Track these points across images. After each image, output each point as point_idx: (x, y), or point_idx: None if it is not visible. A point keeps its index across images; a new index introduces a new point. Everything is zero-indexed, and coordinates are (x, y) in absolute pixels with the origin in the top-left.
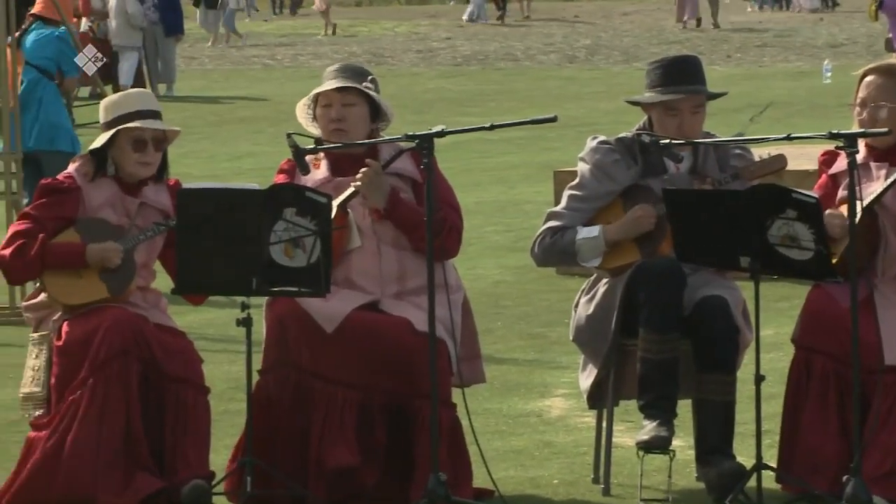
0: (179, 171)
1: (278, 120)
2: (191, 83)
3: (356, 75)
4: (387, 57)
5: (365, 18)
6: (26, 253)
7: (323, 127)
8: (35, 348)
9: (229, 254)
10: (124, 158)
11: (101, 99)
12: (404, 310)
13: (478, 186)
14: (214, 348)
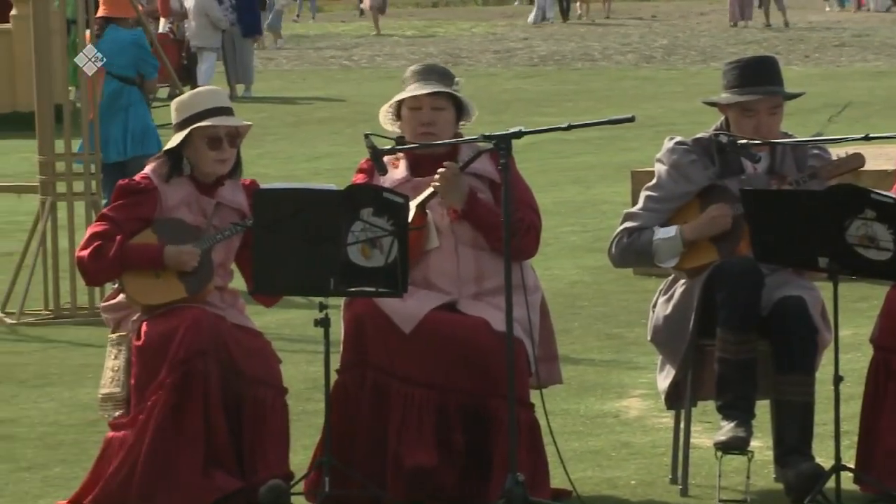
0: (257, 172)
1: (356, 120)
2: (268, 84)
3: (443, 77)
4: (464, 58)
5: (442, 19)
6: (104, 254)
7: (410, 129)
8: (114, 349)
9: (307, 254)
10: (200, 157)
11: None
12: (482, 310)
13: (555, 187)
14: (292, 348)
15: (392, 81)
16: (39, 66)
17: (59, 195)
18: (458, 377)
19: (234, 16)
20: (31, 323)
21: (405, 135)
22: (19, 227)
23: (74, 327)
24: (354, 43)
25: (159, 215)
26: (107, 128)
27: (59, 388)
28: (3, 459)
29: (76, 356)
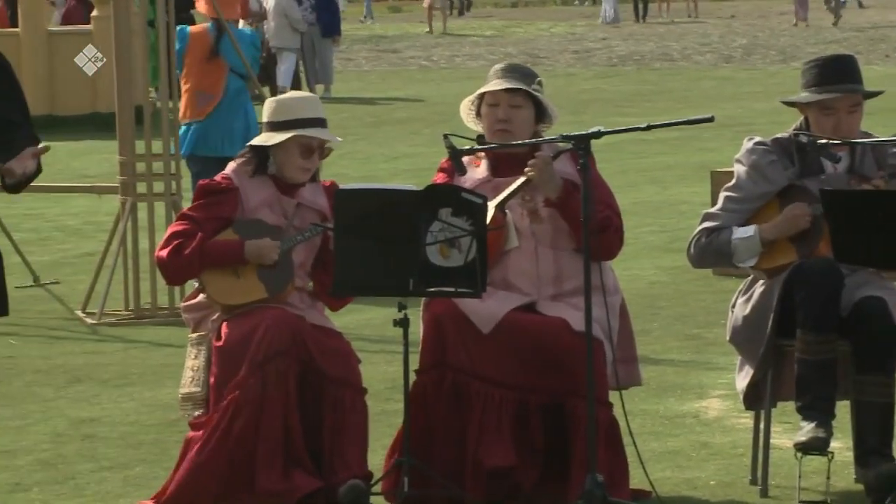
0: (336, 173)
1: (435, 121)
2: (347, 84)
3: (524, 76)
4: (542, 57)
5: (521, 19)
6: (185, 252)
7: (488, 126)
8: (194, 349)
9: (386, 254)
10: (289, 162)
11: (258, 100)
12: (561, 310)
13: (633, 187)
14: (372, 349)
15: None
16: (120, 67)
17: (139, 196)
18: (536, 377)
19: (314, 16)
20: (112, 323)
21: (484, 132)
22: (100, 228)
23: (154, 327)
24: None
25: (240, 215)
26: (230, 123)
27: (140, 387)
28: (85, 459)
29: (157, 356)
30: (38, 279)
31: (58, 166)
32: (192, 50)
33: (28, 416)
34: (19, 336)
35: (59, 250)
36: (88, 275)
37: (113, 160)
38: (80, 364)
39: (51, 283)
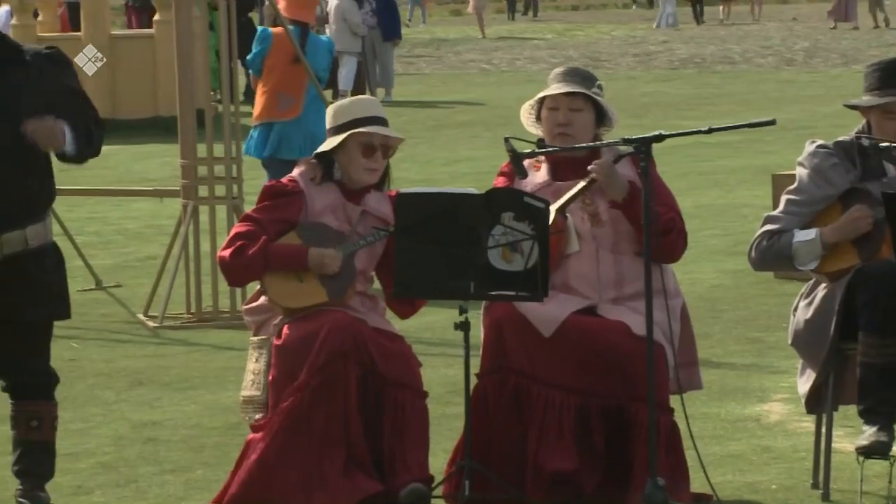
0: (397, 176)
1: (495, 124)
2: (408, 88)
3: (584, 80)
4: (603, 61)
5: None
6: (248, 254)
7: (547, 130)
8: (255, 352)
9: (447, 258)
10: (352, 163)
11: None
12: (621, 314)
13: (695, 190)
14: (432, 352)
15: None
16: (182, 70)
17: (200, 199)
18: (597, 381)
19: (375, 20)
20: (174, 326)
21: (544, 135)
22: (162, 231)
23: (216, 331)
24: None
25: (304, 219)
26: (313, 127)
27: (202, 391)
28: (147, 462)
29: (218, 359)
30: (101, 283)
31: (120, 170)
32: (276, 51)
33: (90, 419)
34: (81, 339)
35: (120, 254)
36: (150, 278)
37: (174, 164)
38: (142, 367)
39: (113, 287)
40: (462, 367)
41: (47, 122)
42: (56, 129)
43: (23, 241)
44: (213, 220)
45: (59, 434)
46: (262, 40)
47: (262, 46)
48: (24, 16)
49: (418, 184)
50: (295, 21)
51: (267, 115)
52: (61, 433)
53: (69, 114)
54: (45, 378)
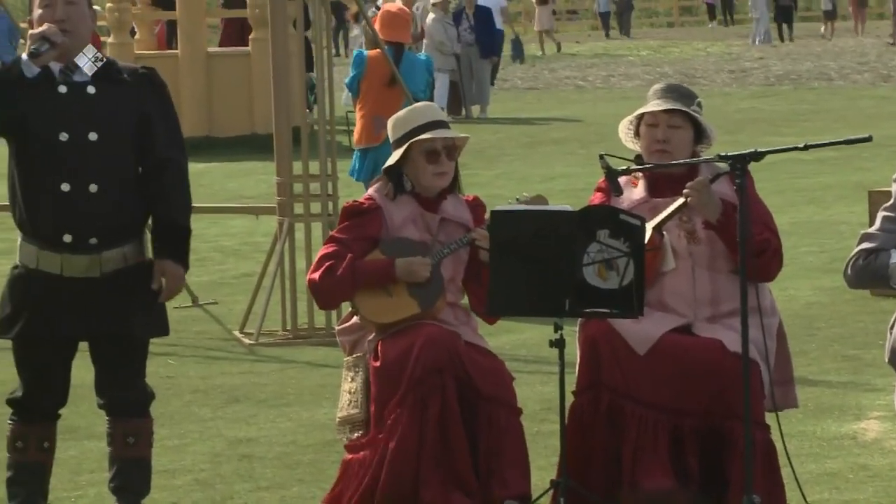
0: (492, 193)
1: (590, 141)
2: (504, 105)
3: (684, 97)
4: (699, 77)
5: (677, 39)
6: (336, 274)
7: (645, 146)
8: (350, 371)
9: (542, 275)
10: (419, 171)
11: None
12: (717, 332)
13: (791, 207)
14: (527, 369)
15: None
16: (277, 88)
17: (296, 216)
18: (692, 400)
19: (472, 37)
20: (269, 344)
21: (642, 151)
22: (257, 249)
23: (311, 348)
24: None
25: (385, 235)
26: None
27: (297, 408)
28: (243, 479)
29: (313, 376)
30: (197, 300)
31: (215, 187)
32: (371, 75)
33: (186, 435)
34: (178, 356)
35: (217, 271)
36: (246, 295)
37: (270, 181)
38: (238, 384)
39: (209, 304)
40: (557, 384)
41: (178, 273)
42: (181, 280)
43: (121, 259)
44: (308, 238)
45: (155, 451)
46: (357, 64)
47: (358, 70)
48: (121, 34)
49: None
50: (389, 42)
51: (365, 140)
52: (157, 450)
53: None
54: (141, 395)
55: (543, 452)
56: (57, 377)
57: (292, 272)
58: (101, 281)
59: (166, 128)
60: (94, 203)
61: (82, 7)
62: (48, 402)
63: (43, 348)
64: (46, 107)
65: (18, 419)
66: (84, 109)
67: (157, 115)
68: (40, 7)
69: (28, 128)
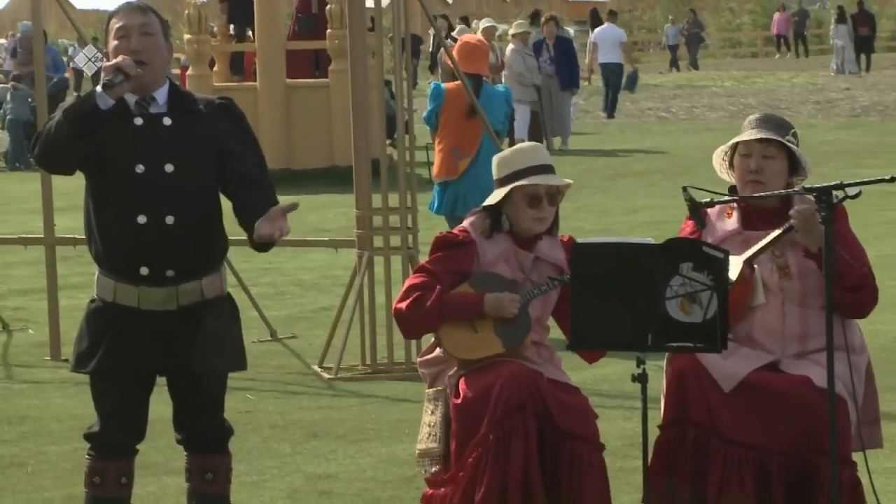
0: (573, 226)
1: (674, 173)
2: (585, 137)
3: (778, 127)
4: (783, 108)
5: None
6: (423, 305)
7: (739, 177)
8: (431, 404)
9: (624, 308)
10: (519, 214)
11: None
12: (804, 368)
13: (877, 240)
14: (610, 404)
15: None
16: (357, 120)
17: (376, 250)
18: (777, 438)
19: (553, 68)
20: (348, 378)
21: (736, 183)
22: (337, 282)
23: (391, 382)
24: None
25: (477, 269)
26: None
27: (376, 443)
28: None
29: (393, 411)
30: (275, 333)
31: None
32: (449, 107)
33: (265, 471)
34: (256, 391)
35: (296, 304)
36: (325, 329)
37: (350, 214)
38: (317, 419)
39: (288, 338)
40: (640, 419)
41: (278, 219)
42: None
43: (199, 292)
44: (388, 271)
45: (233, 487)
46: (435, 97)
47: (436, 103)
48: (200, 66)
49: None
50: (468, 73)
51: (444, 173)
52: (236, 486)
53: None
54: (220, 430)
55: (626, 489)
56: (135, 412)
57: (372, 306)
58: (178, 314)
59: (249, 153)
60: (170, 235)
61: (158, 38)
62: (126, 437)
63: (120, 382)
64: (122, 139)
65: (96, 454)
66: (160, 141)
67: (237, 145)
68: (115, 38)
69: (104, 160)
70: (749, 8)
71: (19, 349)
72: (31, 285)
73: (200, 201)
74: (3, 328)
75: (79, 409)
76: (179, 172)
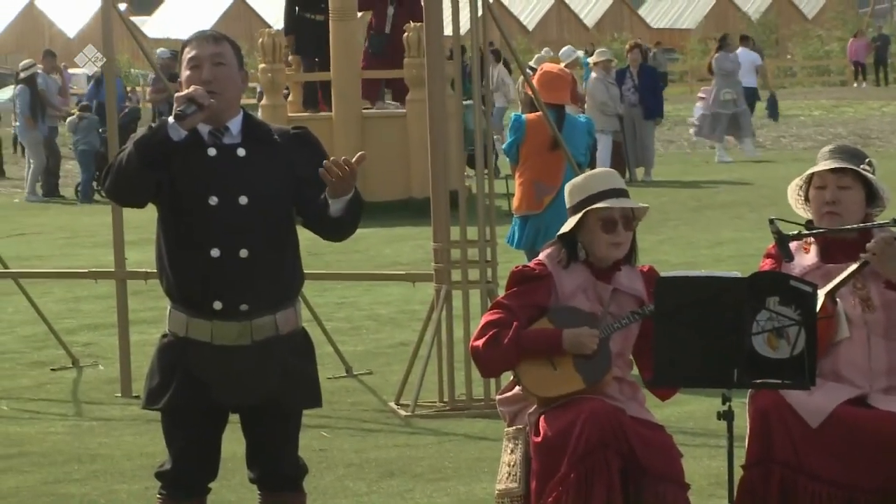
0: (657, 259)
1: (761, 204)
2: (669, 167)
3: (852, 157)
4: (873, 138)
5: (850, 99)
6: (500, 342)
7: (815, 209)
8: (510, 443)
9: (709, 344)
10: (595, 241)
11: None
12: (892, 403)
13: None
14: (694, 442)
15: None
16: (435, 151)
17: (454, 284)
18: (867, 474)
19: (636, 97)
20: (426, 415)
21: (812, 216)
22: (413, 317)
23: (470, 420)
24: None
25: (555, 303)
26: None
27: (454, 482)
28: None
29: (472, 450)
30: (351, 369)
31: (370, 253)
32: (531, 139)
33: None
34: (331, 428)
35: (371, 340)
36: (402, 365)
37: (427, 247)
38: (393, 457)
39: (363, 374)
40: (725, 458)
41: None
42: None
43: (273, 327)
44: (466, 306)
45: None
46: (515, 129)
47: (517, 135)
48: (275, 96)
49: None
50: (550, 104)
51: (525, 207)
52: None
53: None
54: (294, 468)
55: None
56: (207, 449)
57: (449, 341)
58: (252, 349)
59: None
60: (245, 268)
61: (231, 68)
62: (198, 475)
63: (193, 419)
64: (195, 170)
65: (168, 493)
66: (234, 172)
67: (313, 172)
68: (188, 68)
69: (177, 192)
70: (838, 35)
71: (89, 385)
72: (101, 320)
73: (275, 234)
74: (73, 364)
75: (150, 446)
76: (254, 204)
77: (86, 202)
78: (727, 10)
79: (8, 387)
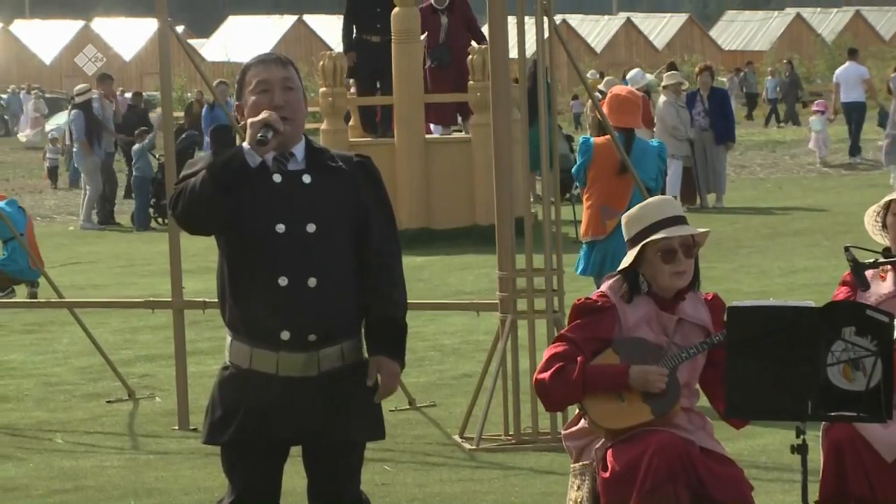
0: (729, 287)
1: (836, 232)
2: (741, 193)
3: None
4: None
5: None
6: (566, 377)
7: (893, 237)
8: (577, 479)
9: (783, 375)
10: (656, 273)
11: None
12: None
13: None
14: (767, 477)
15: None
16: (500, 176)
17: (519, 313)
18: None
19: (707, 121)
20: (491, 449)
21: (890, 244)
22: (478, 348)
23: (536, 453)
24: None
25: (619, 334)
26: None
27: None
28: None
29: (538, 484)
30: (414, 402)
31: (434, 282)
32: (598, 163)
33: None
34: (394, 462)
35: (435, 371)
36: (466, 397)
37: (492, 275)
38: (457, 492)
39: (427, 406)
40: (799, 493)
41: (394, 371)
42: (397, 377)
43: (339, 357)
44: (532, 336)
45: None
46: (584, 151)
47: (585, 158)
48: (335, 120)
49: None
50: (619, 128)
51: (592, 232)
52: None
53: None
54: (356, 502)
55: None
56: (269, 483)
57: (515, 372)
58: (317, 380)
59: (382, 219)
60: (313, 298)
61: (299, 93)
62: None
63: (255, 452)
64: (261, 197)
65: None
66: (301, 199)
67: (373, 205)
68: (254, 93)
69: (241, 219)
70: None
71: (146, 418)
72: (158, 351)
73: (342, 262)
74: (129, 396)
75: (208, 480)
76: (322, 232)
77: (142, 229)
78: (801, 31)
79: (63, 419)
